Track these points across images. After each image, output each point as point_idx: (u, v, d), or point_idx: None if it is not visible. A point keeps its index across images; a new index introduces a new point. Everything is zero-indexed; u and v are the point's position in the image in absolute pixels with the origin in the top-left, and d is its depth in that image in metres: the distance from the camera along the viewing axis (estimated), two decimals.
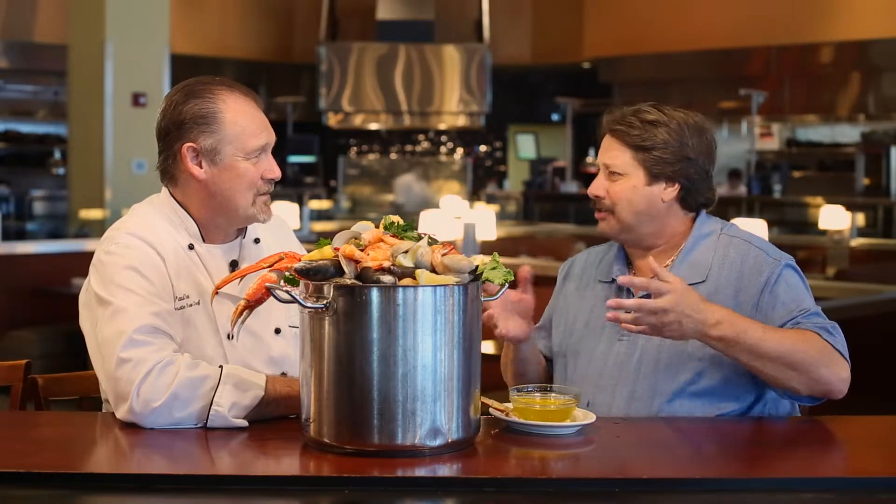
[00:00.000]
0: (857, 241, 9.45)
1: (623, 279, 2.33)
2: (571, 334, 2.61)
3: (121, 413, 2.21)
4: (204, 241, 2.45)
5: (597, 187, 2.55)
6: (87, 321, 2.37)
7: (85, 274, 2.41)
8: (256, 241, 2.52)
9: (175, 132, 2.40)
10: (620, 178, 2.52)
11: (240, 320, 2.21)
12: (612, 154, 2.53)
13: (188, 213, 2.44)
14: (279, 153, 14.29)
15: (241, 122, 2.40)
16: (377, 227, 2.16)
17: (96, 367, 2.33)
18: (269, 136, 2.44)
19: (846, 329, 2.42)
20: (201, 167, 2.40)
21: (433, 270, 2.05)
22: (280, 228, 2.62)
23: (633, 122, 2.51)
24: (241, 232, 2.51)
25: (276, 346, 2.45)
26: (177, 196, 2.46)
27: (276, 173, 2.44)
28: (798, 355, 2.31)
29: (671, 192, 2.53)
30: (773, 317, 2.41)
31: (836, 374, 2.33)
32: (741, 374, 2.41)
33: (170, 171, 2.45)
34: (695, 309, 2.26)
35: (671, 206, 2.54)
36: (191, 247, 2.43)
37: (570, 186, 14.50)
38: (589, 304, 2.62)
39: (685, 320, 2.25)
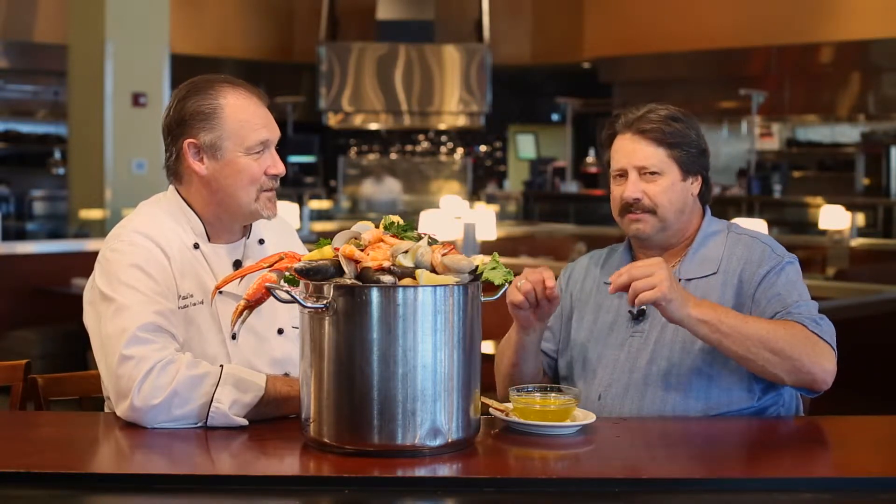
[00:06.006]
0: (857, 241, 9.44)
1: (613, 283, 2.31)
2: (579, 336, 2.61)
3: (121, 410, 2.21)
4: (209, 240, 2.46)
5: (633, 190, 2.52)
6: (90, 318, 2.37)
7: (85, 274, 2.42)
8: (261, 241, 2.52)
9: (178, 129, 2.42)
10: (658, 177, 2.53)
11: (240, 320, 2.21)
12: (645, 154, 2.53)
13: (194, 211, 2.45)
14: (280, 153, 14.27)
15: (241, 117, 2.40)
16: (377, 227, 2.16)
17: (99, 363, 2.34)
18: (270, 132, 2.44)
19: (846, 329, 2.42)
20: (203, 163, 2.40)
21: (433, 270, 2.05)
22: (284, 230, 2.63)
23: (657, 120, 2.53)
24: (246, 232, 2.52)
25: (279, 347, 2.46)
26: (182, 193, 2.47)
27: (280, 169, 2.44)
28: (780, 342, 2.31)
29: (696, 186, 2.58)
30: (767, 308, 2.43)
31: (819, 364, 2.32)
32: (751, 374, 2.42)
33: (174, 169, 2.46)
34: (678, 287, 2.29)
35: (695, 201, 2.59)
36: (196, 246, 2.43)
37: (570, 186, 14.49)
38: (595, 305, 2.62)
39: (674, 287, 2.25)
